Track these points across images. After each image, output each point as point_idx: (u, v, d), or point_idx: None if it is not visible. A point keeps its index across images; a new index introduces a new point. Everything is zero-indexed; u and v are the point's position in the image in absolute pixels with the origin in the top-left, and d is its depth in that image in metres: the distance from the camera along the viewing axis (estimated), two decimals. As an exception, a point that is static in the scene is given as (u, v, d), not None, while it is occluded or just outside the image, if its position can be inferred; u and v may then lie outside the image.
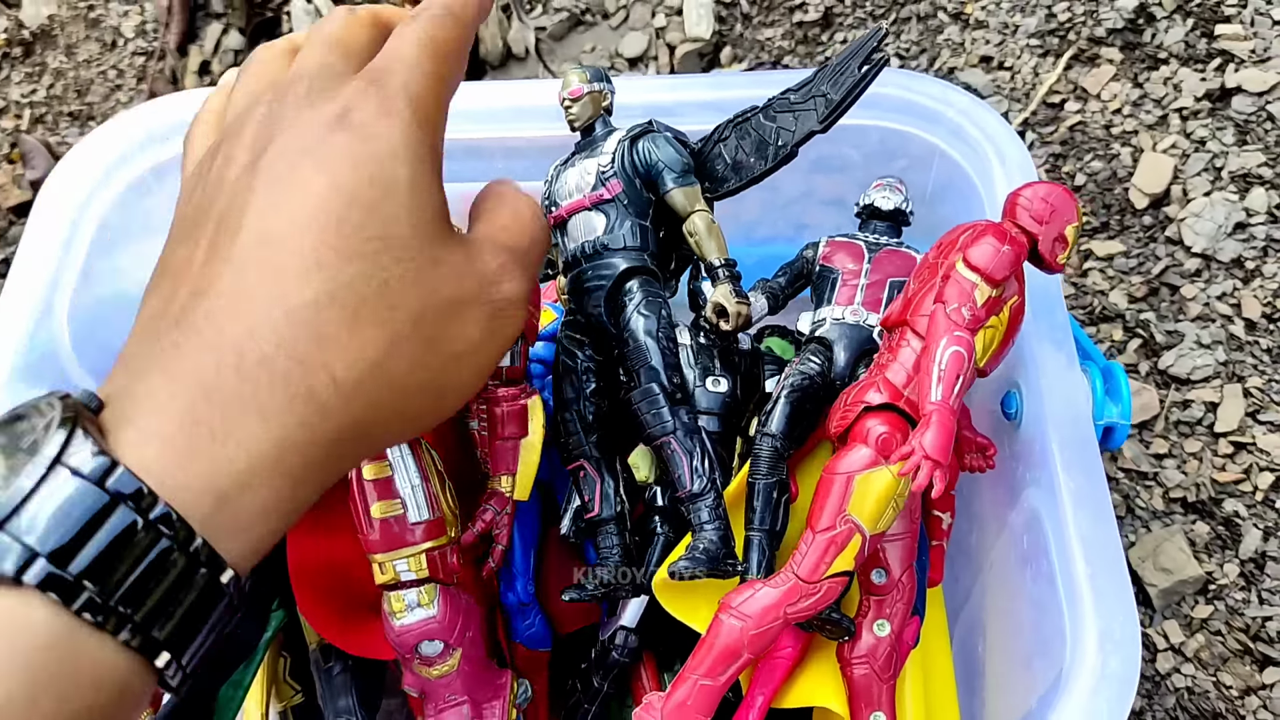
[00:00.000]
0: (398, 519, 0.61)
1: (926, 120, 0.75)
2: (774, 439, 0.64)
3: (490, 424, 0.65)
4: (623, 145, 0.66)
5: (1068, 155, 1.08)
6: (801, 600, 0.57)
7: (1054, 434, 0.62)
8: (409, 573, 0.61)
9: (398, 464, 0.62)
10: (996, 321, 0.57)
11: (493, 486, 0.66)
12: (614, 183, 0.66)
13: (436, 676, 0.62)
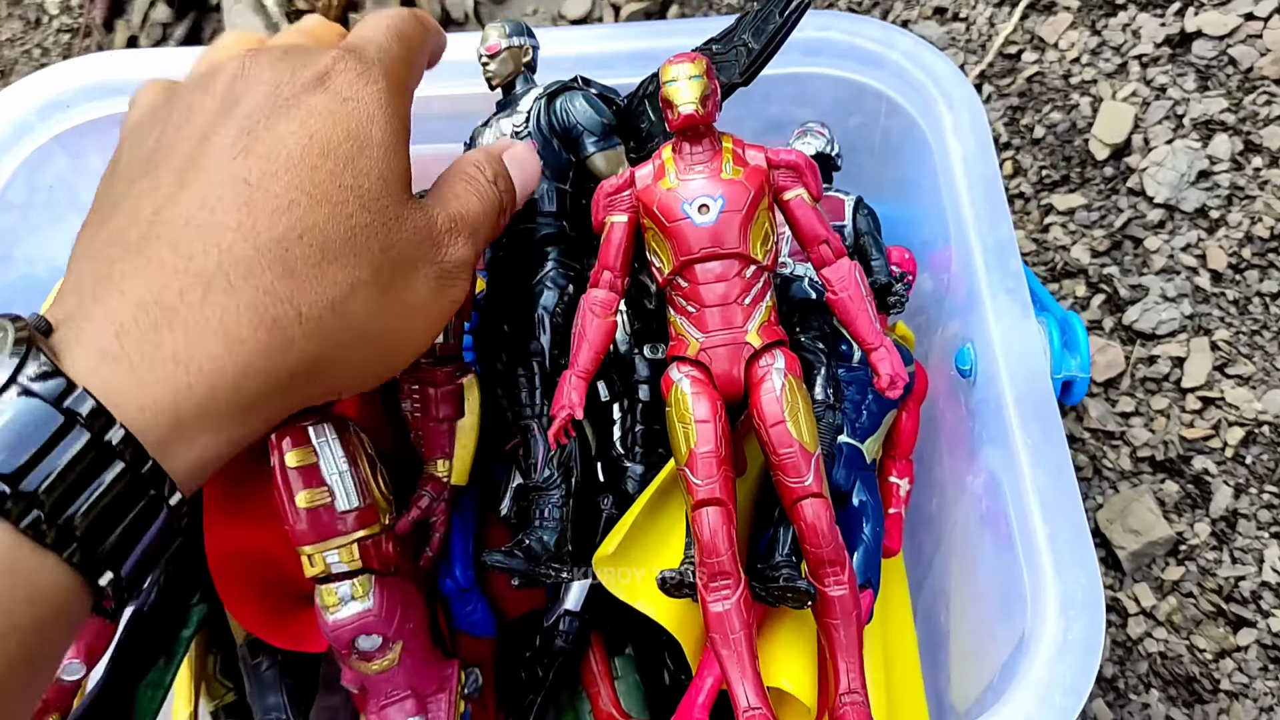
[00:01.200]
0: (325, 508, 0.56)
1: (870, 65, 0.72)
2: None
3: (423, 405, 0.62)
4: (539, 104, 0.63)
5: (1026, 107, 1.04)
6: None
7: (1010, 390, 0.58)
8: (340, 564, 0.57)
9: (323, 450, 0.57)
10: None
11: (428, 471, 0.63)
12: (529, 141, 0.62)
13: (376, 672, 0.58)
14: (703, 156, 0.55)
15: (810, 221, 0.55)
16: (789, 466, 0.54)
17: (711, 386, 0.56)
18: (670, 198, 0.55)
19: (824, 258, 0.55)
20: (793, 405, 0.54)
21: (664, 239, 0.56)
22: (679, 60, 0.54)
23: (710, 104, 0.54)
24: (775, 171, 0.55)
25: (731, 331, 0.55)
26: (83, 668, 0.54)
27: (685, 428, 0.56)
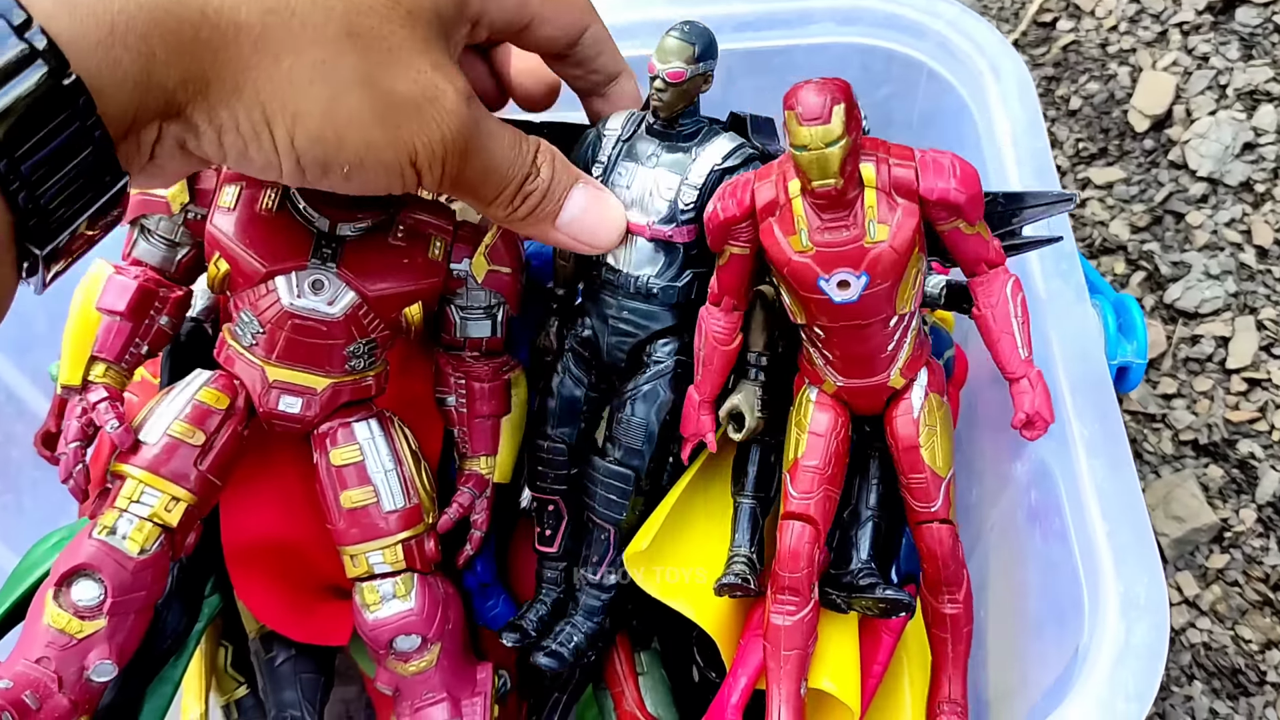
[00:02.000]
0: (370, 508, 0.55)
1: (911, 34, 0.68)
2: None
3: (469, 400, 0.59)
4: (711, 176, 0.53)
5: (1061, 78, 1.01)
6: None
7: (1063, 376, 0.55)
8: (384, 565, 0.56)
9: (368, 448, 0.56)
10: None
11: (470, 468, 0.60)
12: (688, 229, 0.54)
13: (413, 673, 0.57)
14: (839, 215, 0.48)
15: (968, 249, 0.50)
16: (918, 491, 0.53)
17: (842, 404, 0.54)
18: (804, 268, 0.49)
19: (978, 272, 0.50)
20: (929, 428, 0.52)
21: (795, 295, 0.51)
22: (810, 120, 0.45)
23: (852, 163, 0.46)
24: (929, 207, 0.48)
25: (873, 379, 0.53)
26: (114, 668, 0.52)
27: (799, 434, 0.54)
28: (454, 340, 0.59)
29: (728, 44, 0.68)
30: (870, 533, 0.57)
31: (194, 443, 0.53)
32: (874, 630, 0.60)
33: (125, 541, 0.51)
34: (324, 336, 0.54)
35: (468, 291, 0.57)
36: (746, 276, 0.54)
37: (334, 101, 0.41)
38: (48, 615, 0.51)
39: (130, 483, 0.52)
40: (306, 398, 0.55)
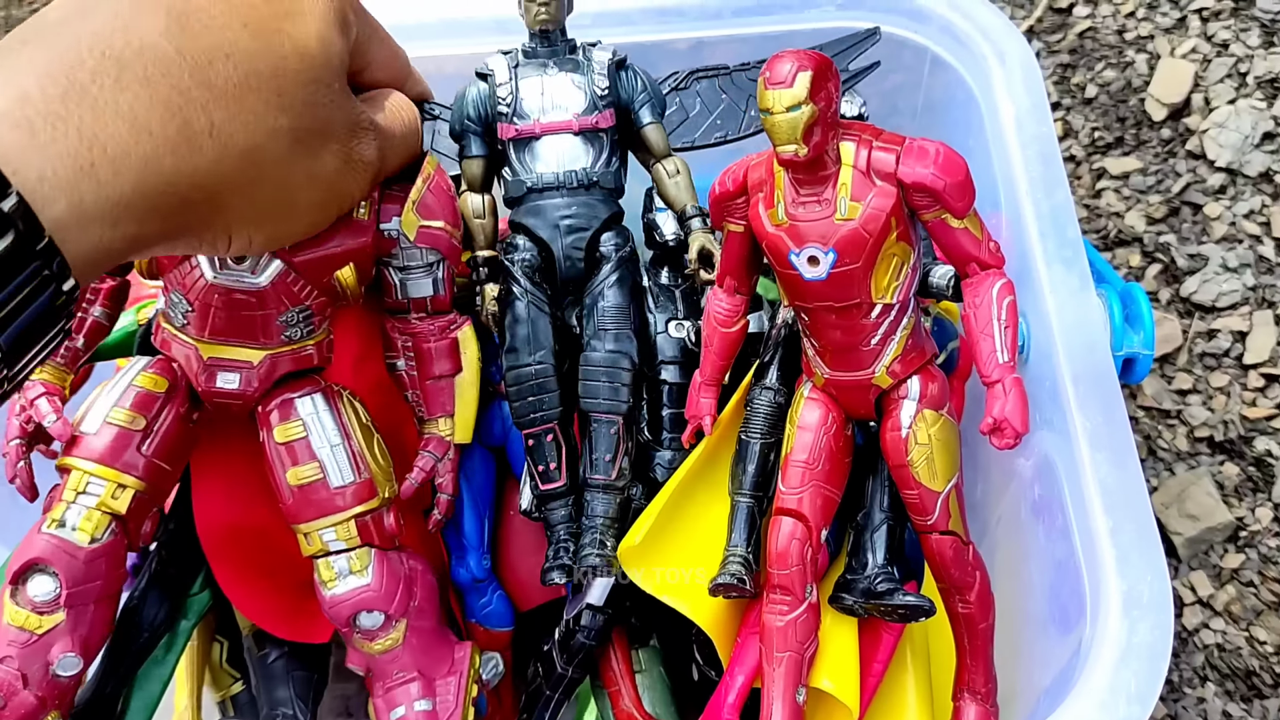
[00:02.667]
0: (317, 484, 0.54)
1: (914, 19, 0.67)
2: (774, 392, 0.59)
3: (419, 362, 0.59)
4: (611, 68, 0.60)
5: (1077, 65, 0.99)
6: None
7: (1067, 367, 0.54)
8: (338, 542, 0.54)
9: (312, 424, 0.55)
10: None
11: (429, 431, 0.59)
12: (609, 113, 0.59)
13: (380, 652, 0.56)
14: (814, 191, 0.48)
15: (955, 244, 0.49)
16: (913, 506, 0.53)
17: (835, 401, 0.54)
18: (778, 240, 0.49)
19: (969, 273, 0.49)
20: (921, 446, 0.51)
21: (776, 273, 0.52)
22: (776, 83, 0.45)
23: (819, 133, 0.46)
24: (908, 192, 0.48)
25: (858, 373, 0.52)
26: (79, 661, 0.51)
27: (791, 429, 0.55)
28: (397, 303, 0.58)
29: (728, 29, 0.68)
30: (885, 536, 0.55)
31: (135, 428, 0.52)
32: (874, 630, 0.59)
33: (75, 533, 0.51)
34: (254, 308, 0.53)
35: (402, 251, 0.57)
36: (745, 257, 0.54)
37: (290, 209, 0.47)
38: (6, 614, 0.51)
39: (75, 474, 0.52)
40: (244, 372, 0.54)
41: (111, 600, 0.53)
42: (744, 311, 0.56)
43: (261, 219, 0.46)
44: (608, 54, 0.60)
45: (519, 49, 0.61)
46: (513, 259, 0.60)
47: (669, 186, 0.61)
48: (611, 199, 0.60)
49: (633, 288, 0.60)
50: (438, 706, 0.56)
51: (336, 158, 0.48)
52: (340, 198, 0.50)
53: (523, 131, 0.59)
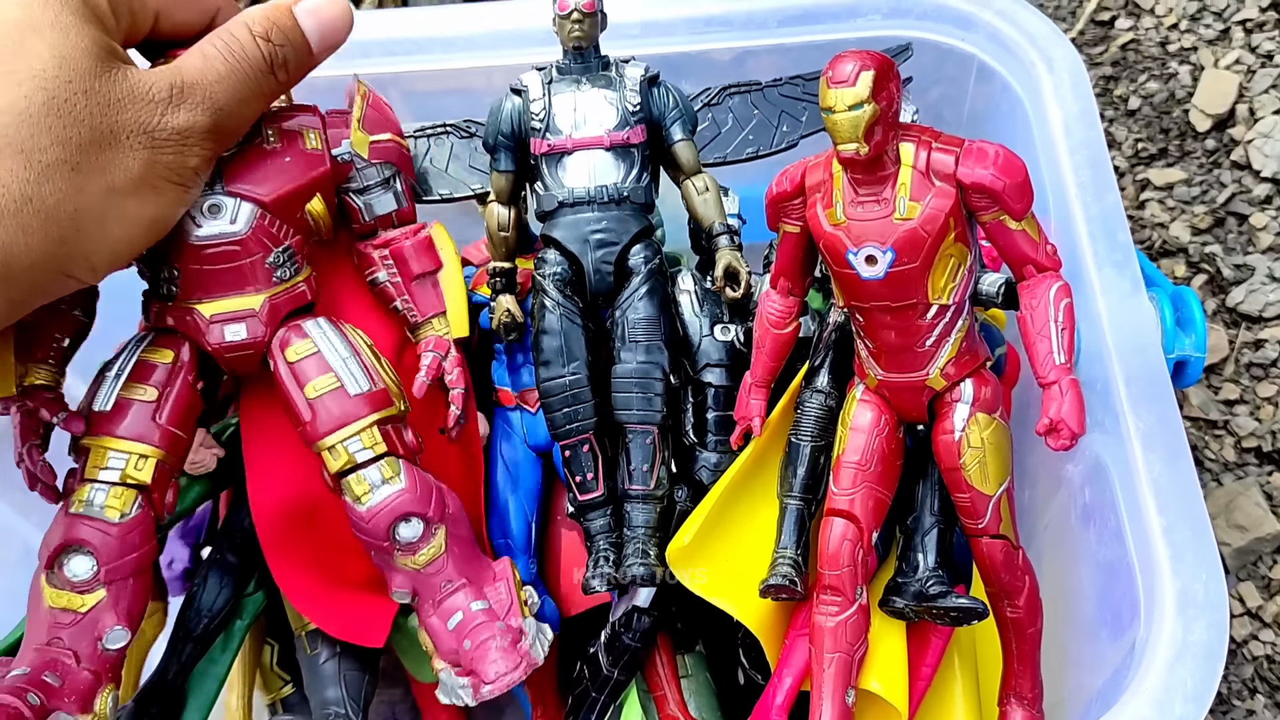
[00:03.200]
0: (335, 394, 0.54)
1: (960, 26, 0.67)
2: (825, 396, 0.59)
3: (399, 265, 0.59)
4: (643, 85, 0.61)
5: (1120, 77, 0.99)
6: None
7: (1119, 369, 0.54)
8: (365, 451, 0.54)
9: (321, 340, 0.55)
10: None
11: (427, 333, 0.59)
12: (640, 129, 0.61)
13: (425, 564, 0.55)
14: (873, 191, 0.49)
15: (1013, 246, 0.49)
16: (965, 509, 0.53)
17: (887, 403, 0.54)
18: (835, 240, 0.50)
19: (1025, 276, 0.50)
20: (974, 449, 0.52)
21: (833, 273, 0.52)
22: (838, 82, 0.46)
23: (880, 132, 0.47)
24: (967, 193, 0.48)
25: (912, 375, 0.52)
26: (126, 633, 0.52)
27: (843, 431, 0.55)
28: (365, 225, 0.59)
29: (775, 38, 0.68)
30: (935, 539, 0.56)
31: (147, 399, 0.53)
32: (923, 632, 0.59)
33: (104, 510, 0.52)
34: (240, 256, 0.54)
35: (359, 172, 0.58)
36: (800, 258, 0.54)
37: (107, 225, 0.47)
38: (47, 598, 0.51)
39: (95, 451, 0.52)
40: (248, 321, 0.55)
41: (147, 571, 0.54)
42: (797, 313, 0.56)
43: (89, 244, 0.46)
44: (640, 70, 0.61)
45: (553, 65, 0.62)
46: (544, 272, 0.61)
47: (697, 203, 0.62)
48: (641, 214, 0.61)
49: (662, 300, 0.61)
50: (494, 605, 0.56)
51: (136, 151, 0.47)
52: (168, 176, 0.48)
53: (555, 147, 0.60)
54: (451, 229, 0.77)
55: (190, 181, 0.50)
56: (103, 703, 0.51)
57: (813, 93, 0.65)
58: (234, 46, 0.50)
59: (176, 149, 0.48)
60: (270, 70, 0.51)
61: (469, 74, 0.72)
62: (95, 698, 0.51)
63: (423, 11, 0.74)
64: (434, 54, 0.72)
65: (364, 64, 0.72)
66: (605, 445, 0.61)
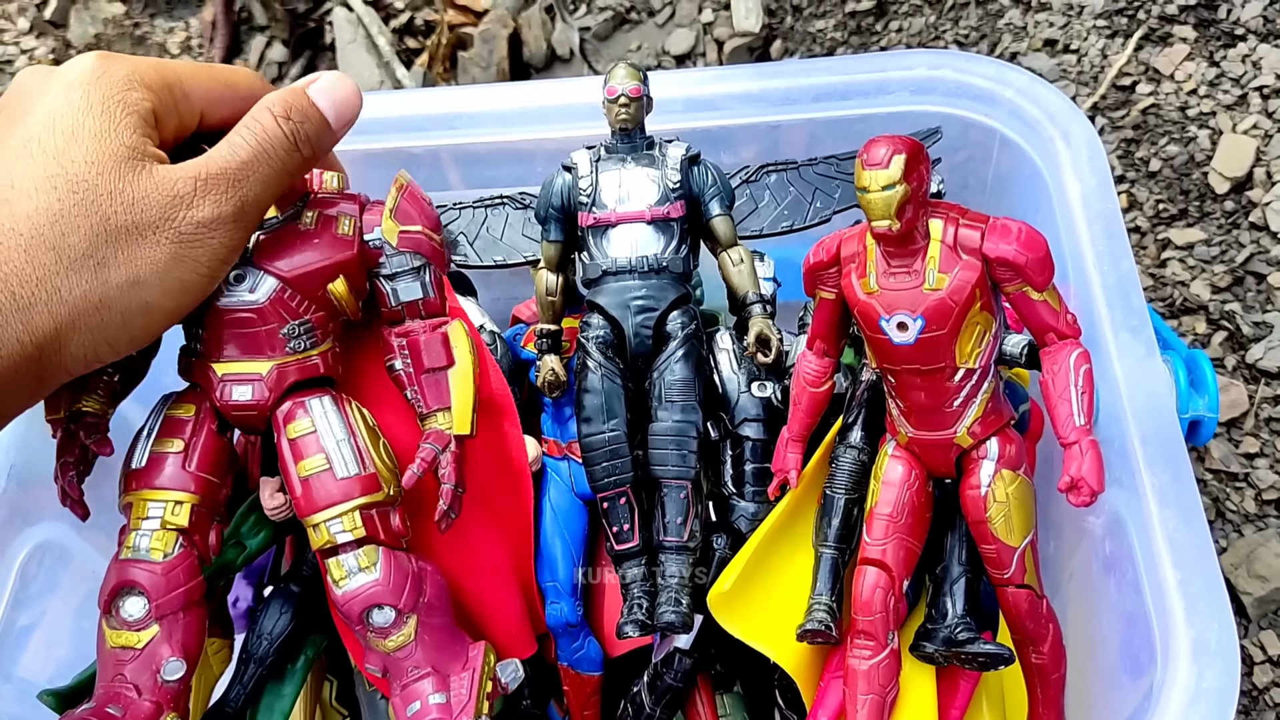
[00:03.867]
0: (323, 475, 0.57)
1: (983, 103, 0.71)
2: (858, 451, 0.62)
3: (413, 357, 0.61)
4: (684, 164, 0.65)
5: (1141, 140, 1.02)
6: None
7: (1135, 429, 0.57)
8: (344, 533, 0.57)
9: (320, 420, 0.58)
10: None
11: (430, 426, 0.60)
12: (680, 204, 0.65)
13: (394, 649, 0.58)
14: (904, 262, 0.53)
15: (1035, 315, 0.53)
16: (991, 560, 0.56)
17: (917, 459, 0.57)
18: (869, 307, 0.54)
19: (1047, 342, 0.53)
20: (1000, 504, 0.55)
21: (866, 337, 0.56)
22: (873, 165, 0.50)
23: (911, 210, 0.51)
24: (992, 267, 0.52)
25: (940, 433, 0.56)
26: (183, 665, 0.56)
27: (875, 484, 0.58)
28: (393, 312, 0.61)
29: (809, 113, 0.72)
30: (964, 588, 0.58)
31: (174, 451, 0.57)
32: (952, 677, 0.62)
33: (149, 553, 0.56)
34: (255, 324, 0.58)
35: (388, 259, 0.61)
36: (835, 323, 0.58)
37: (132, 316, 0.50)
38: (108, 640, 0.56)
39: (136, 504, 0.57)
40: (254, 384, 0.58)
41: (197, 608, 0.58)
42: (832, 373, 0.60)
43: (105, 334, 0.50)
44: (682, 150, 0.66)
45: (601, 144, 0.66)
46: (588, 335, 0.65)
47: (733, 274, 0.66)
48: (680, 282, 0.65)
49: (697, 362, 0.64)
50: (451, 700, 0.58)
51: (162, 245, 0.50)
52: (193, 268, 0.52)
53: (600, 220, 0.65)
54: (504, 288, 0.82)
55: (216, 271, 0.53)
56: None
57: (845, 171, 0.69)
58: (257, 130, 0.54)
59: (203, 241, 0.51)
60: (295, 147, 0.55)
61: (523, 145, 0.76)
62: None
63: (480, 89, 0.79)
64: (489, 127, 0.77)
65: (423, 138, 0.77)
66: (642, 499, 0.64)
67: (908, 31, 1.12)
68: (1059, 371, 0.52)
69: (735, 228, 0.67)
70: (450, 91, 0.81)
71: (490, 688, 0.60)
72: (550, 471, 0.70)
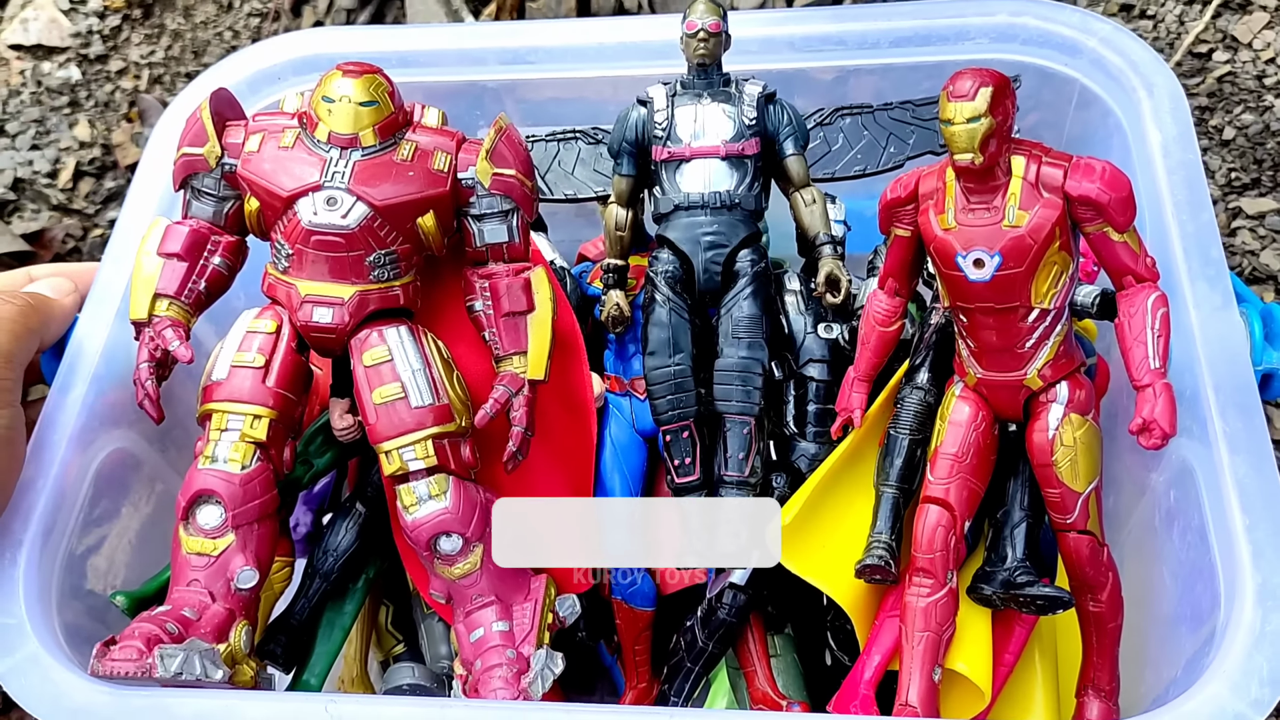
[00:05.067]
0: (398, 403, 0.59)
1: (1065, 52, 0.70)
2: (924, 392, 0.62)
3: (493, 300, 0.62)
4: (760, 102, 0.65)
5: (1215, 108, 1.01)
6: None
7: (1208, 376, 0.57)
8: (416, 461, 0.58)
9: (397, 350, 0.60)
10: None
11: (505, 368, 0.61)
12: (755, 141, 0.65)
13: (459, 576, 0.59)
14: (984, 199, 0.53)
15: (1114, 257, 0.53)
16: (1054, 504, 0.56)
17: (984, 400, 0.57)
18: (945, 243, 0.54)
19: (1124, 285, 0.53)
20: (1066, 447, 0.55)
21: (940, 274, 0.56)
22: (958, 96, 0.50)
23: (994, 144, 0.51)
24: (1074, 205, 0.52)
25: (1010, 374, 0.56)
26: (255, 574, 0.58)
27: (941, 424, 0.58)
28: (477, 252, 0.62)
29: (886, 57, 0.72)
30: (1024, 533, 0.59)
31: (255, 365, 0.59)
32: (1007, 622, 0.62)
33: (228, 464, 0.58)
34: (343, 248, 0.59)
35: (479, 199, 0.62)
36: (908, 261, 0.58)
37: None
38: (185, 546, 0.58)
39: (216, 415, 0.59)
40: (335, 308, 0.60)
41: (271, 520, 0.60)
42: (902, 313, 0.60)
43: None
44: (759, 88, 0.66)
45: (677, 80, 0.66)
46: (657, 269, 0.65)
47: (804, 214, 0.66)
48: (751, 220, 0.65)
49: (765, 301, 0.65)
50: (514, 628, 0.59)
51: None
52: None
53: (674, 154, 0.65)
54: (569, 229, 0.82)
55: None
56: (237, 635, 0.57)
57: (920, 117, 0.69)
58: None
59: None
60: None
61: (595, 83, 0.77)
62: (230, 630, 0.57)
63: (552, 23, 0.79)
64: (560, 63, 0.77)
65: (494, 72, 0.78)
66: (705, 434, 0.64)
67: (981, -8, 1.11)
68: (1136, 314, 0.52)
69: (808, 168, 0.67)
70: (522, 25, 0.81)
71: (550, 619, 0.62)
72: (612, 407, 0.71)
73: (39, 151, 1.22)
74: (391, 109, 0.61)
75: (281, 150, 0.60)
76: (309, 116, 0.61)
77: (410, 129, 0.62)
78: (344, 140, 0.60)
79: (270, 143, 0.61)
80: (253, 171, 0.60)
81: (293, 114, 0.62)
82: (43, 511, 0.60)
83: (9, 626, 0.56)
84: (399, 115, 0.61)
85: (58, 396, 0.64)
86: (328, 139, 0.60)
